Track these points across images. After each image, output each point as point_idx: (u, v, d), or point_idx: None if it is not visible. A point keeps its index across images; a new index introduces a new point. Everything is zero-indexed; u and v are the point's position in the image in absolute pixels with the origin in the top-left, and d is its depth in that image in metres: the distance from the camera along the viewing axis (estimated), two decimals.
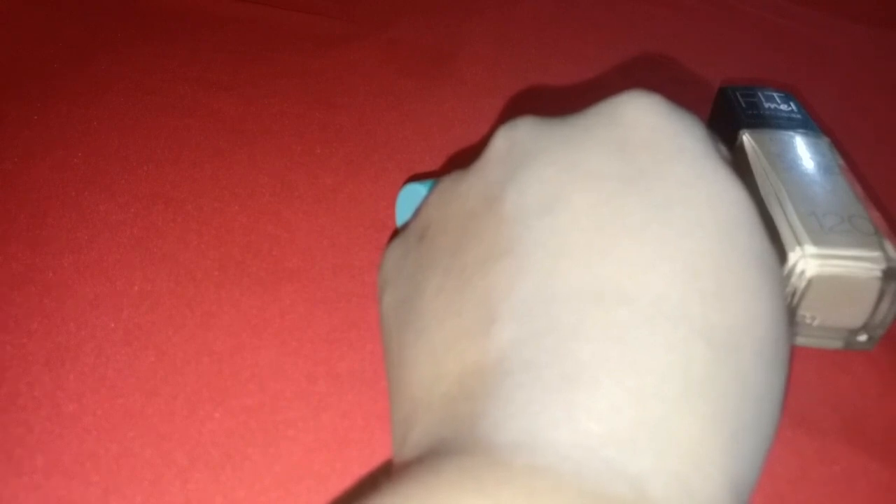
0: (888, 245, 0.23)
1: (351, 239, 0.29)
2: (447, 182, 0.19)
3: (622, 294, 0.13)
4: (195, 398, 0.23)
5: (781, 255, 0.23)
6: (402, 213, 0.28)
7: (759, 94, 0.31)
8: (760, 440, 0.14)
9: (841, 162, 0.27)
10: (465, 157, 0.34)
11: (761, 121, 0.29)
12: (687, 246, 0.14)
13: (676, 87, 0.41)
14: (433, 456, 0.13)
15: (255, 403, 0.23)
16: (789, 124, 0.29)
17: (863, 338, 0.25)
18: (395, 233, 0.29)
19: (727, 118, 0.30)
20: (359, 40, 0.44)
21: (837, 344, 0.25)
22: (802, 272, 0.23)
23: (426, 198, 0.19)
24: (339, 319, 0.26)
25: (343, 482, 0.21)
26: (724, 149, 0.17)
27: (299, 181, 0.32)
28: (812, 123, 0.29)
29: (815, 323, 0.24)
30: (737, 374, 0.13)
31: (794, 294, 0.23)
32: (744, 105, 0.30)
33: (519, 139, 0.17)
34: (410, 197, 0.27)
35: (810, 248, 0.23)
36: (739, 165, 0.18)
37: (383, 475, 0.14)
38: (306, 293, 0.27)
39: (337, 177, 0.33)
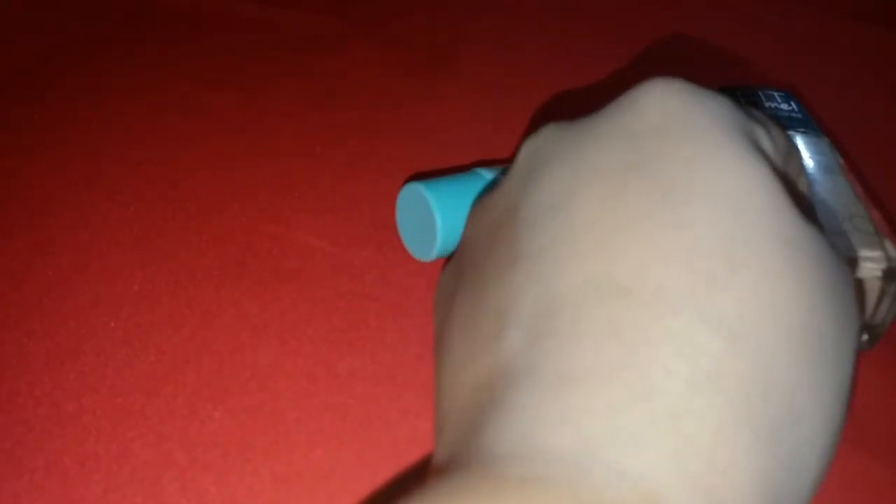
0: (889, 245, 0.23)
1: (351, 239, 0.29)
2: (481, 198, 0.19)
3: (620, 287, 0.13)
4: (195, 398, 0.23)
5: None
6: (402, 213, 0.28)
7: (760, 93, 0.31)
8: (805, 442, 0.12)
9: (841, 161, 0.27)
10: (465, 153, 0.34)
11: None
12: (691, 229, 0.13)
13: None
14: (444, 472, 0.13)
15: (255, 403, 0.23)
16: (789, 124, 0.29)
17: (863, 338, 0.25)
18: (397, 233, 0.29)
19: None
20: (359, 40, 0.44)
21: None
22: None
23: (468, 217, 0.20)
24: (339, 319, 0.26)
25: (343, 482, 0.21)
26: (766, 131, 0.16)
27: (299, 181, 0.32)
28: (812, 123, 0.29)
29: None
30: (757, 365, 0.12)
31: None
32: (744, 104, 0.30)
33: (539, 147, 0.16)
34: (410, 197, 0.27)
35: None
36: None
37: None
38: (306, 293, 0.27)
39: (337, 177, 0.33)
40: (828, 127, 0.36)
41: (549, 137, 0.16)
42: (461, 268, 0.17)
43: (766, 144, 0.15)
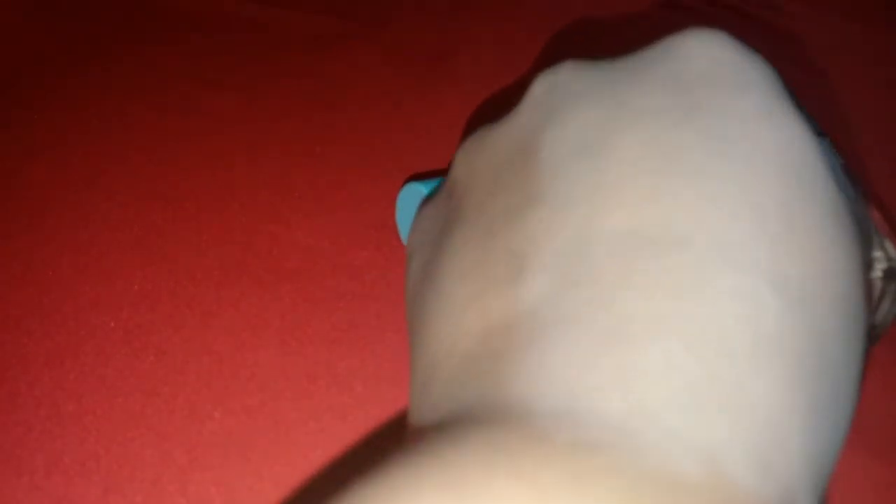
0: (889, 245, 0.23)
1: (351, 239, 0.29)
2: (477, 134, 0.17)
3: (676, 236, 0.11)
4: (195, 398, 0.23)
5: None
6: (402, 213, 0.28)
7: None
8: (839, 418, 0.11)
9: (841, 161, 0.27)
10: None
11: None
12: (753, 184, 0.12)
13: None
14: (456, 424, 0.11)
15: (255, 403, 0.23)
16: None
17: None
18: (397, 233, 0.29)
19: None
20: (359, 40, 0.44)
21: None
22: None
23: (456, 153, 0.18)
24: (339, 319, 0.26)
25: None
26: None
27: (299, 181, 0.32)
28: (812, 123, 0.29)
29: None
30: (813, 333, 0.11)
31: None
32: None
33: (560, 83, 0.15)
34: (410, 197, 0.27)
35: None
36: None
37: (394, 443, 0.12)
38: (306, 293, 0.27)
39: (337, 177, 0.33)
40: (828, 127, 0.36)
41: (571, 74, 0.15)
42: (453, 209, 0.16)
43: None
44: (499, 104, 0.39)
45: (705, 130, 0.13)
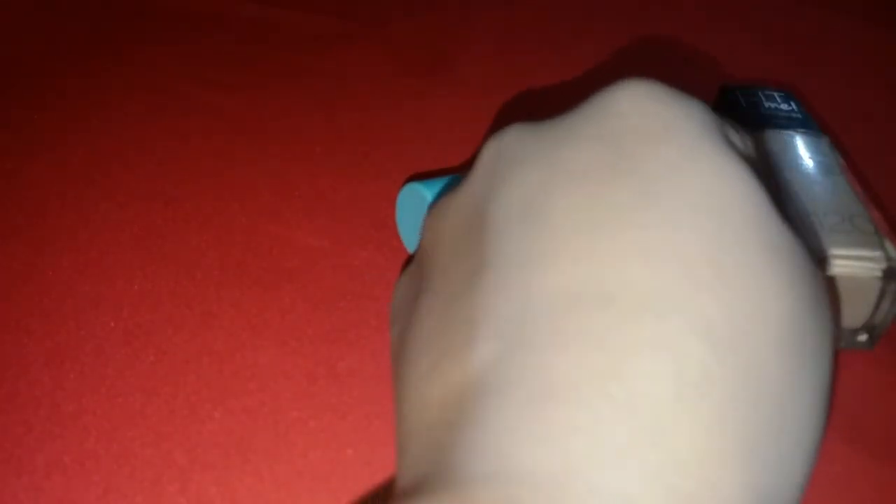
0: (889, 245, 0.23)
1: (351, 239, 0.29)
2: (440, 202, 0.18)
3: (601, 294, 0.12)
4: (195, 398, 0.23)
5: None
6: (402, 213, 0.28)
7: (760, 93, 0.31)
8: (792, 448, 0.12)
9: (841, 161, 0.27)
10: (467, 157, 0.34)
11: (761, 120, 0.29)
12: (675, 233, 0.12)
13: (676, 87, 0.41)
14: (411, 497, 0.12)
15: (255, 403, 0.23)
16: (789, 123, 0.29)
17: (863, 338, 0.25)
18: (397, 233, 0.29)
19: (727, 118, 0.30)
20: (359, 40, 0.44)
21: (838, 344, 0.25)
22: None
23: (424, 221, 0.19)
24: (339, 319, 0.26)
25: (343, 482, 0.21)
26: (739, 136, 0.16)
27: (299, 181, 0.32)
28: (812, 123, 0.29)
29: None
30: (745, 373, 0.12)
31: None
32: (744, 104, 0.30)
33: (506, 148, 0.16)
34: (410, 197, 0.27)
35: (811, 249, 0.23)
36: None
37: None
38: (306, 293, 0.27)
39: (337, 177, 0.33)
40: (828, 127, 0.36)
41: (515, 138, 0.16)
42: (422, 276, 0.17)
43: (740, 146, 0.15)
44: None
45: (633, 184, 0.13)
